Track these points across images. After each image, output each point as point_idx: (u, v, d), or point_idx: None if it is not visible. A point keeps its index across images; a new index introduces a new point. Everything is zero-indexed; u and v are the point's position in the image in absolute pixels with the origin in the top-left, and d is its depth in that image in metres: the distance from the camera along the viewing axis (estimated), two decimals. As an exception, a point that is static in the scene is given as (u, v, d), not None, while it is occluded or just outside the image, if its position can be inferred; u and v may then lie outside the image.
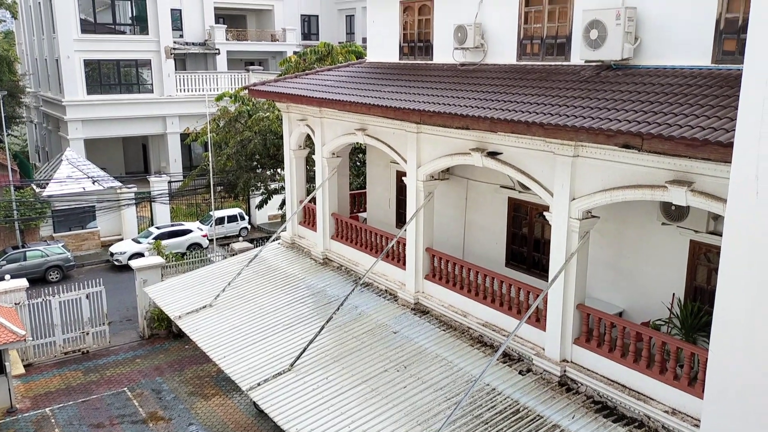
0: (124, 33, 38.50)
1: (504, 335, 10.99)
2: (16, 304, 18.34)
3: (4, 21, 55.36)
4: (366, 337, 12.30)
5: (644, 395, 8.99)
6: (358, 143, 15.95)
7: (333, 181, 15.64)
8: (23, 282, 19.04)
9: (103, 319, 20.09)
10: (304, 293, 14.58)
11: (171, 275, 20.19)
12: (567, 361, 10.01)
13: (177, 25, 44.17)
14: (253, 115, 27.73)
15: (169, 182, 32.91)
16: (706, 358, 7.33)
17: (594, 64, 10.72)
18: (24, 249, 26.66)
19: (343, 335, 12.45)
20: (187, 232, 29.60)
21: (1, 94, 31.58)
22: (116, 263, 27.84)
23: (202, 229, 30.05)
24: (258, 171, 28.85)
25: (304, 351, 11.88)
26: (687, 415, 8.42)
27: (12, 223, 29.44)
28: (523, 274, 12.47)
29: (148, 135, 40.74)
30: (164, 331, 20.78)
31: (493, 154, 10.77)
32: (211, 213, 29.74)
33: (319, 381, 11.15)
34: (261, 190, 29.45)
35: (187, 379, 17.98)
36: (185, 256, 25.48)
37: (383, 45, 16.00)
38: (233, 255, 20.27)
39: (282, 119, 17.35)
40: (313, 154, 16.25)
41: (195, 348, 16.06)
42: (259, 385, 11.36)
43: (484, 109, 9.96)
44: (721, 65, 9.10)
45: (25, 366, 18.31)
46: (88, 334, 19.79)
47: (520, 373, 10.47)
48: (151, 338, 20.65)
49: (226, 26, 46.70)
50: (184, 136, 35.77)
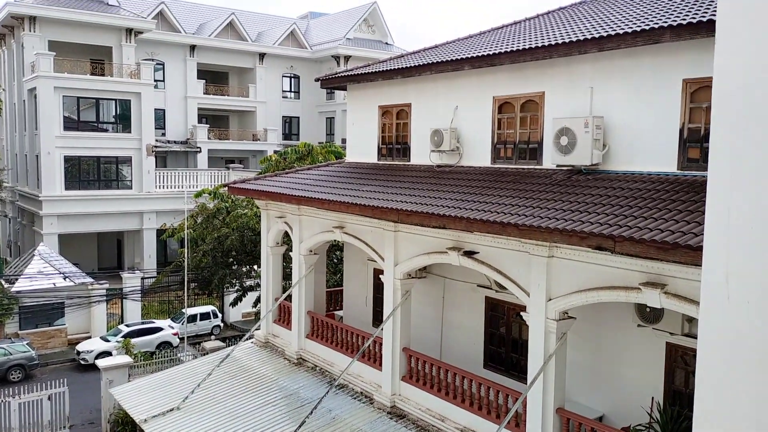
0: (106, 131, 39.13)
1: (483, 440, 10.64)
2: (-29, 405, 17.46)
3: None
4: (340, 442, 11.82)
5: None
6: (335, 240, 16.02)
7: (310, 279, 15.56)
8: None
9: (64, 422, 19.10)
10: (276, 395, 14.10)
11: (139, 375, 19.48)
12: (548, 469, 9.67)
13: (160, 123, 45.09)
14: (231, 212, 27.87)
15: (143, 278, 32.42)
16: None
17: (565, 168, 11.09)
18: (-15, 347, 25.66)
19: (317, 440, 11.95)
20: (158, 330, 28.84)
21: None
22: (82, 362, 26.82)
23: (173, 327, 29.32)
24: (234, 267, 28.64)
25: (275, 457, 11.34)
26: None
27: (-24, 320, 28.48)
28: (502, 376, 12.27)
29: (124, 230, 40.54)
30: (128, 436, 19.77)
31: (469, 254, 10.87)
32: (184, 310, 29.15)
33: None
34: (236, 287, 29.11)
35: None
36: (154, 356, 24.69)
37: (362, 146, 16.45)
38: (204, 354, 19.72)
39: (260, 216, 17.45)
40: (291, 251, 16.26)
41: (160, 454, 15.21)
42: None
43: (461, 209, 10.15)
44: (687, 172, 9.48)
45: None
46: (46, 438, 18.76)
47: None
48: (114, 443, 19.61)
49: (208, 126, 47.80)
50: (160, 232, 35.65)
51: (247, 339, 16.66)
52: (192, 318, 30.34)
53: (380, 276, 13.07)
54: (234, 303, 29.57)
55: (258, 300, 26.11)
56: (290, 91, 53.25)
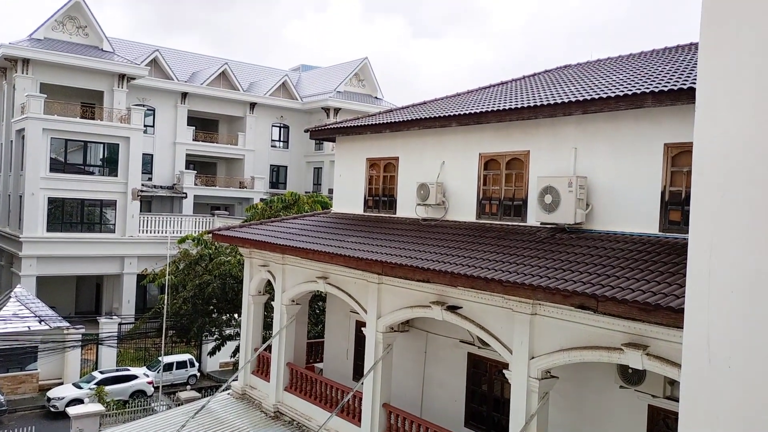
0: (92, 174, 39.05)
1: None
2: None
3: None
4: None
5: None
6: (318, 291, 15.90)
7: (291, 329, 15.35)
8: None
9: (28, 472, 18.39)
10: (251, 449, 13.71)
11: (110, 425, 18.92)
12: None
13: (147, 168, 45.16)
14: (214, 259, 27.65)
15: (120, 324, 31.81)
16: None
17: (549, 226, 11.19)
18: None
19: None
20: (133, 377, 28.15)
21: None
22: (53, 409, 25.99)
23: (148, 376, 28.63)
24: (214, 315, 28.23)
25: None
26: None
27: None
28: (483, 435, 12.04)
29: (104, 274, 39.99)
30: (94, 489, 19.03)
31: (452, 308, 10.81)
32: (160, 358, 28.53)
33: None
34: (215, 336, 28.62)
35: None
36: (128, 404, 24.02)
37: (349, 197, 16.53)
38: (179, 405, 19.21)
39: (243, 264, 17.32)
40: (273, 300, 16.09)
41: None
42: None
43: (445, 263, 10.15)
44: (668, 234, 9.60)
45: None
46: (8, 489, 18.01)
47: None
48: (79, 496, 18.84)
49: (195, 172, 47.91)
50: (141, 277, 35.19)
51: (223, 390, 16.28)
52: (168, 366, 29.69)
53: (362, 328, 12.94)
54: (212, 352, 29.00)
55: (237, 350, 25.65)
56: (279, 141, 53.74)
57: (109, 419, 20.30)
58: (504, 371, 10.03)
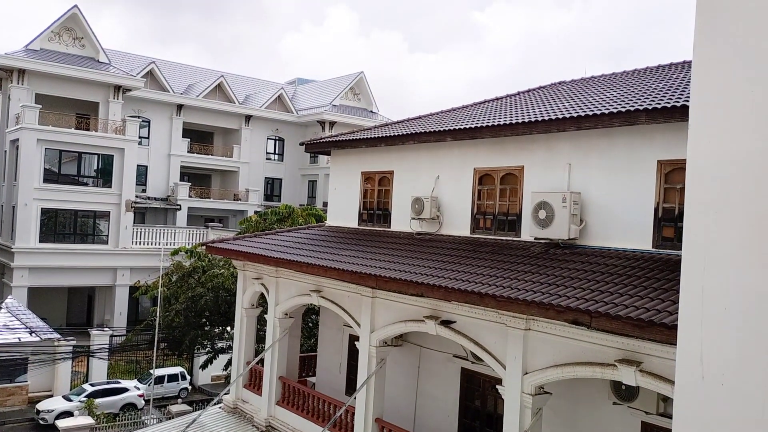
0: (86, 185, 38.94)
1: None
2: None
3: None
4: None
5: None
6: (312, 304, 15.85)
7: (284, 343, 15.28)
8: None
9: (15, 486, 18.16)
10: (242, 464, 13.59)
11: (99, 438, 18.71)
12: None
13: (141, 179, 45.08)
14: (207, 271, 27.55)
15: (111, 336, 31.58)
16: None
17: (543, 241, 11.21)
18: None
19: None
20: (123, 390, 27.90)
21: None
22: (42, 422, 25.69)
23: (139, 388, 28.39)
24: (206, 328, 28.07)
25: None
26: None
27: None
28: (475, 451, 11.98)
29: (96, 286, 39.77)
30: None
31: (446, 323, 10.79)
32: (152, 371, 28.31)
33: None
34: (207, 349, 28.44)
35: None
36: (118, 417, 23.79)
37: (343, 210, 16.54)
38: (170, 418, 19.04)
39: (237, 276, 17.26)
40: (266, 313, 16.02)
41: None
42: None
43: (439, 278, 10.15)
44: (662, 250, 9.63)
45: None
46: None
47: None
48: None
49: (190, 184, 47.85)
50: (133, 289, 35.00)
51: (215, 403, 16.16)
52: (159, 379, 29.45)
53: (355, 342, 12.89)
54: (204, 365, 28.80)
55: (229, 363, 25.49)
56: (274, 153, 53.79)
57: (98, 432, 20.12)
58: (497, 387, 10.00)
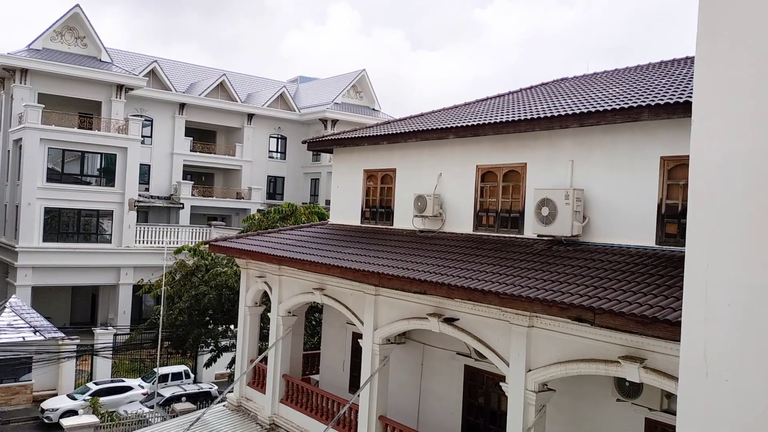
0: (89, 184, 39.00)
1: None
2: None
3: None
4: None
5: None
6: (315, 302, 15.86)
7: (287, 341, 15.29)
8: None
9: (20, 484, 18.24)
10: (247, 462, 13.62)
11: (104, 436, 18.76)
12: None
13: (144, 178, 45.15)
14: (210, 270, 27.59)
15: (115, 335, 31.65)
16: None
17: (546, 238, 11.20)
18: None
19: None
20: (127, 389, 27.98)
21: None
22: (46, 420, 25.79)
23: (143, 387, 28.45)
24: (210, 326, 28.12)
25: None
26: None
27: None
28: (479, 448, 11.98)
29: (100, 285, 39.84)
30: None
31: (449, 320, 10.79)
32: (156, 369, 28.37)
33: None
34: (211, 347, 28.49)
35: None
36: (122, 416, 23.84)
37: (346, 208, 16.53)
38: (174, 416, 19.08)
39: (240, 275, 17.28)
40: (269, 311, 16.04)
41: None
42: None
43: (442, 275, 10.14)
44: (665, 246, 9.61)
45: None
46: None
47: None
48: None
49: (193, 182, 47.87)
50: (136, 288, 35.07)
51: (219, 401, 16.19)
52: (164, 378, 29.51)
53: (359, 340, 12.89)
54: (208, 364, 28.85)
55: (232, 361, 25.54)
56: (277, 152, 53.80)
57: (103, 430, 20.15)
58: (501, 384, 10.00)
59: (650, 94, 10.40)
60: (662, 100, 9.57)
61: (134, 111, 44.28)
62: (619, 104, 10.15)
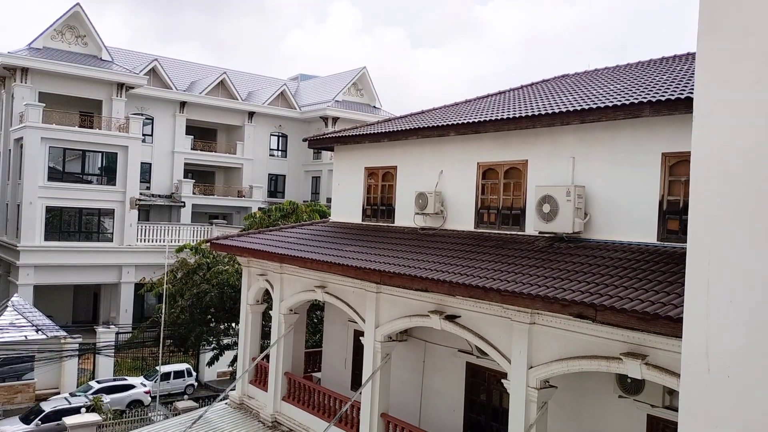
0: (90, 182, 39.02)
1: None
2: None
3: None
4: None
5: None
6: (316, 300, 15.87)
7: (289, 339, 15.31)
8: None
9: (23, 483, 18.27)
10: (249, 459, 13.64)
11: (106, 435, 18.79)
12: None
13: (145, 177, 45.15)
14: (212, 268, 27.60)
15: (117, 333, 31.69)
16: None
17: (547, 235, 11.19)
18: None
19: None
20: (129, 387, 28.02)
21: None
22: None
23: (145, 385, 28.49)
24: (212, 325, 28.14)
25: None
26: None
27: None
28: (481, 445, 11.99)
29: (102, 283, 39.88)
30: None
31: (451, 318, 10.79)
32: (158, 368, 28.42)
33: None
34: (213, 345, 28.52)
35: None
36: (124, 414, 23.89)
37: (347, 206, 16.53)
38: (176, 414, 19.12)
39: (241, 273, 17.29)
40: (271, 309, 16.05)
41: None
42: None
43: (443, 272, 10.14)
44: (666, 243, 9.60)
45: None
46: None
47: None
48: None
49: (194, 181, 47.88)
50: (138, 286, 35.11)
51: (221, 400, 16.22)
52: (166, 376, 29.56)
53: (360, 338, 12.90)
54: (210, 362, 28.89)
55: (234, 359, 25.57)
56: (277, 150, 53.79)
57: (105, 429, 20.20)
58: (502, 381, 10.00)
59: (651, 91, 10.38)
60: (663, 96, 9.55)
61: (135, 109, 44.27)
62: (621, 100, 10.14)
